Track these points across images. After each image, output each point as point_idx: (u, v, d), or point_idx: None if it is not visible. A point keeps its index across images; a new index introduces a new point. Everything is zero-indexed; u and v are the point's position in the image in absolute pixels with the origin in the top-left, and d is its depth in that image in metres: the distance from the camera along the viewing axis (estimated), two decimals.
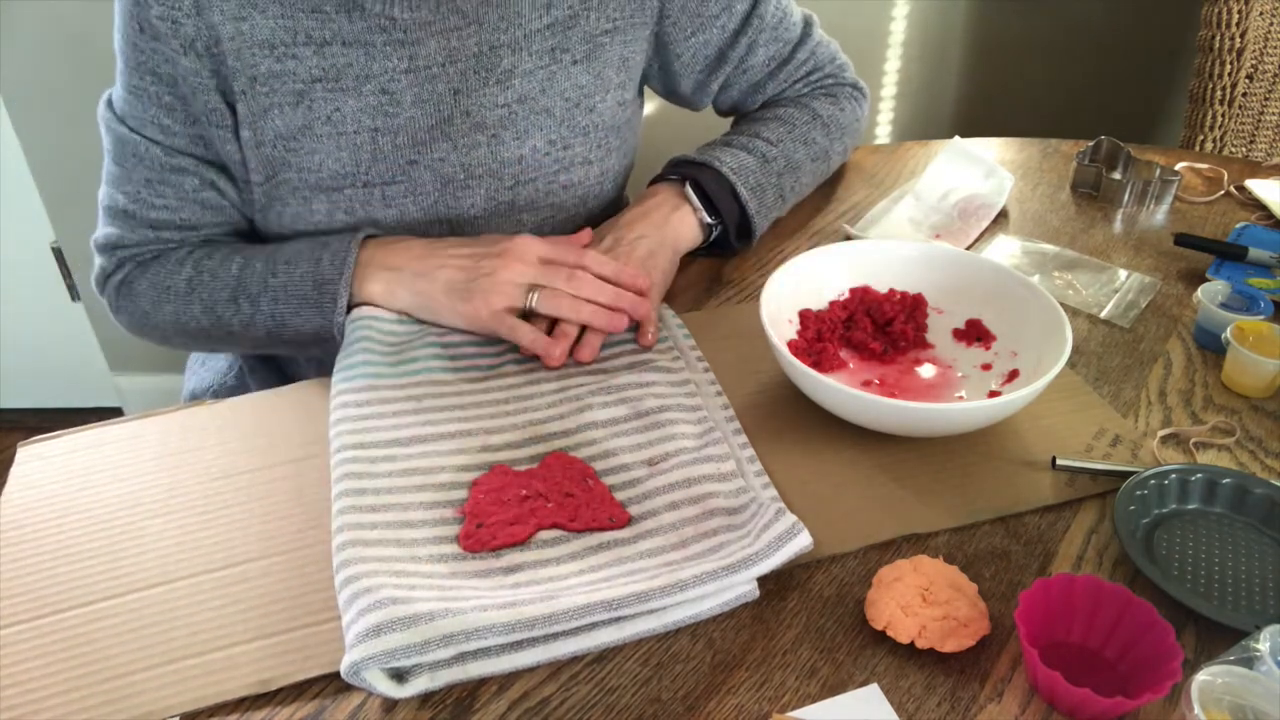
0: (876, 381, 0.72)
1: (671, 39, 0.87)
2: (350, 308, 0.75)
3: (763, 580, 0.56)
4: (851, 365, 0.74)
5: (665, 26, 0.86)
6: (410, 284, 0.74)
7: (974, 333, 0.75)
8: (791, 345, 0.72)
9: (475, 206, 0.81)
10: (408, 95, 0.76)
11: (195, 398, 0.93)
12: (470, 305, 0.72)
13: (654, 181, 0.88)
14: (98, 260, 0.84)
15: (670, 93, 0.95)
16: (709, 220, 0.84)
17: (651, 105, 1.11)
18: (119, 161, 0.79)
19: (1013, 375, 0.70)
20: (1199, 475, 0.61)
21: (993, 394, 0.69)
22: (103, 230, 0.83)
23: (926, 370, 0.73)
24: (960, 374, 0.73)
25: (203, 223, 0.81)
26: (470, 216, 0.81)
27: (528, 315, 0.74)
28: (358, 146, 0.76)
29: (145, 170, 0.78)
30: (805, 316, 0.74)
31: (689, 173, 0.85)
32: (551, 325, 0.74)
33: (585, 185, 0.86)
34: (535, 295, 0.72)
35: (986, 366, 0.72)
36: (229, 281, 0.77)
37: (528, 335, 0.71)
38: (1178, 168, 1.02)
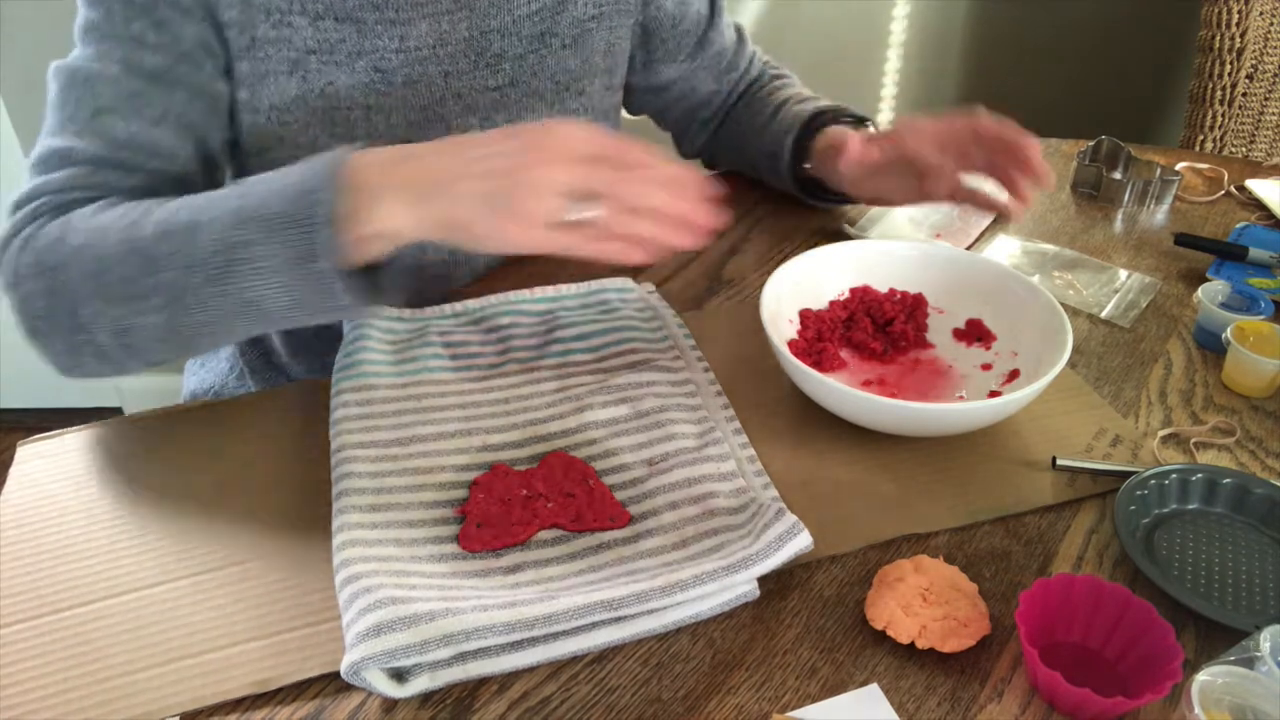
0: (876, 381, 0.72)
1: (659, 25, 0.90)
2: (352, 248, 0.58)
3: (763, 580, 0.56)
4: (851, 365, 0.74)
5: (650, 11, 0.89)
6: (429, 205, 0.58)
7: (974, 333, 0.75)
8: (791, 345, 0.72)
9: None
10: (399, 75, 0.76)
11: (195, 398, 0.93)
12: (499, 223, 0.57)
13: (819, 125, 0.89)
14: (3, 226, 0.67)
15: (641, 87, 0.96)
16: None
17: None
18: (64, 102, 0.68)
19: (1013, 375, 0.70)
20: (1199, 475, 0.61)
21: (993, 394, 0.69)
22: (22, 189, 0.69)
23: (926, 370, 0.73)
24: (960, 374, 0.73)
25: (160, 155, 0.69)
26: None
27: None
28: (351, 124, 0.76)
29: (110, 91, 0.67)
30: (805, 316, 0.74)
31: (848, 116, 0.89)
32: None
33: None
34: (583, 207, 0.57)
35: (986, 366, 0.72)
36: (181, 208, 0.61)
37: (591, 247, 0.58)
38: (1178, 168, 1.02)
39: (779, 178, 0.93)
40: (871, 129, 0.90)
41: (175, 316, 0.60)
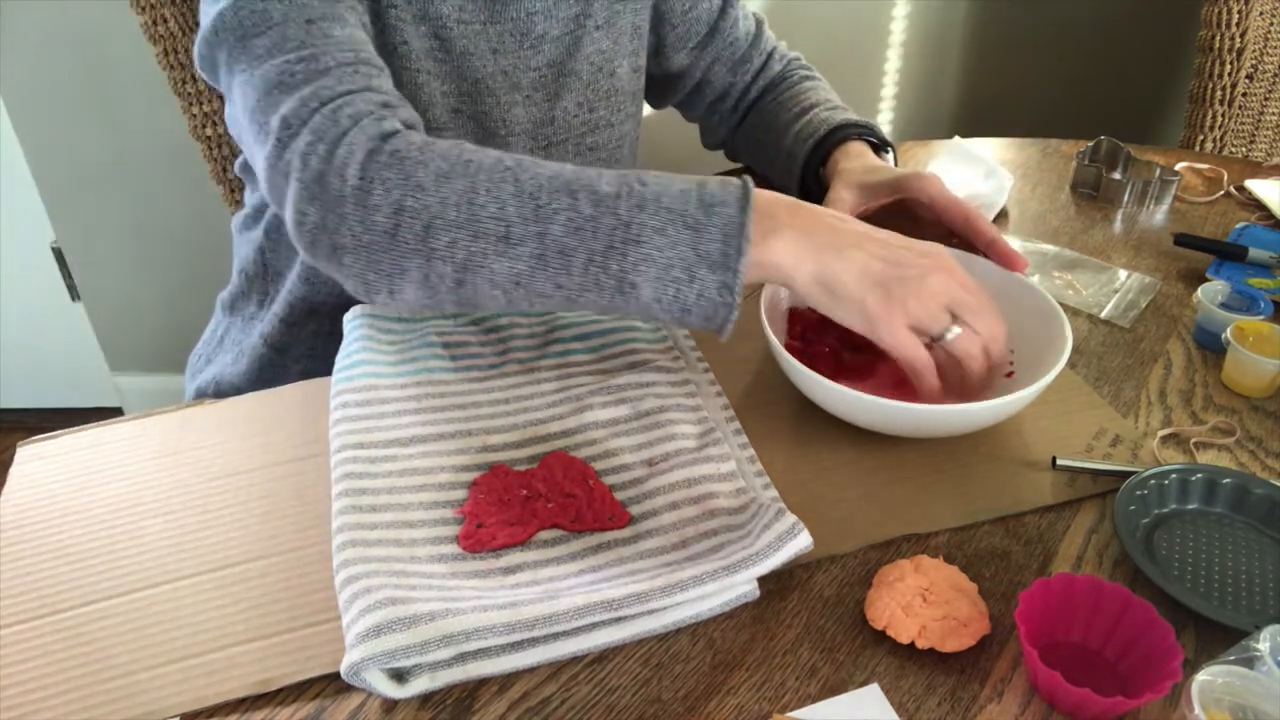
0: (876, 382, 0.72)
1: (670, 10, 0.92)
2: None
3: (763, 580, 0.56)
4: (849, 366, 0.73)
5: None
6: (819, 256, 0.60)
7: None
8: (789, 346, 0.72)
9: None
10: (457, 45, 0.78)
11: (199, 396, 0.93)
12: (886, 307, 0.60)
13: (838, 139, 0.87)
14: (335, 128, 0.60)
15: (657, 76, 0.97)
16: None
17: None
18: (257, 30, 0.64)
19: (1011, 375, 0.70)
20: (1199, 475, 0.61)
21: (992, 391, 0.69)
22: (285, 107, 0.61)
23: None
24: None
25: (377, 61, 0.67)
26: None
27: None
28: (417, 85, 0.78)
29: (304, 9, 0.65)
30: (793, 315, 0.74)
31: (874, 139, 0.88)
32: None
33: (608, 148, 0.90)
34: (953, 331, 0.61)
35: None
36: (558, 172, 0.59)
37: (928, 381, 0.62)
38: (1178, 168, 1.02)
39: (790, 178, 0.93)
40: (890, 156, 0.89)
41: (533, 270, 0.58)
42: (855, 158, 0.85)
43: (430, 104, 0.79)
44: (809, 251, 0.59)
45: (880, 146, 0.89)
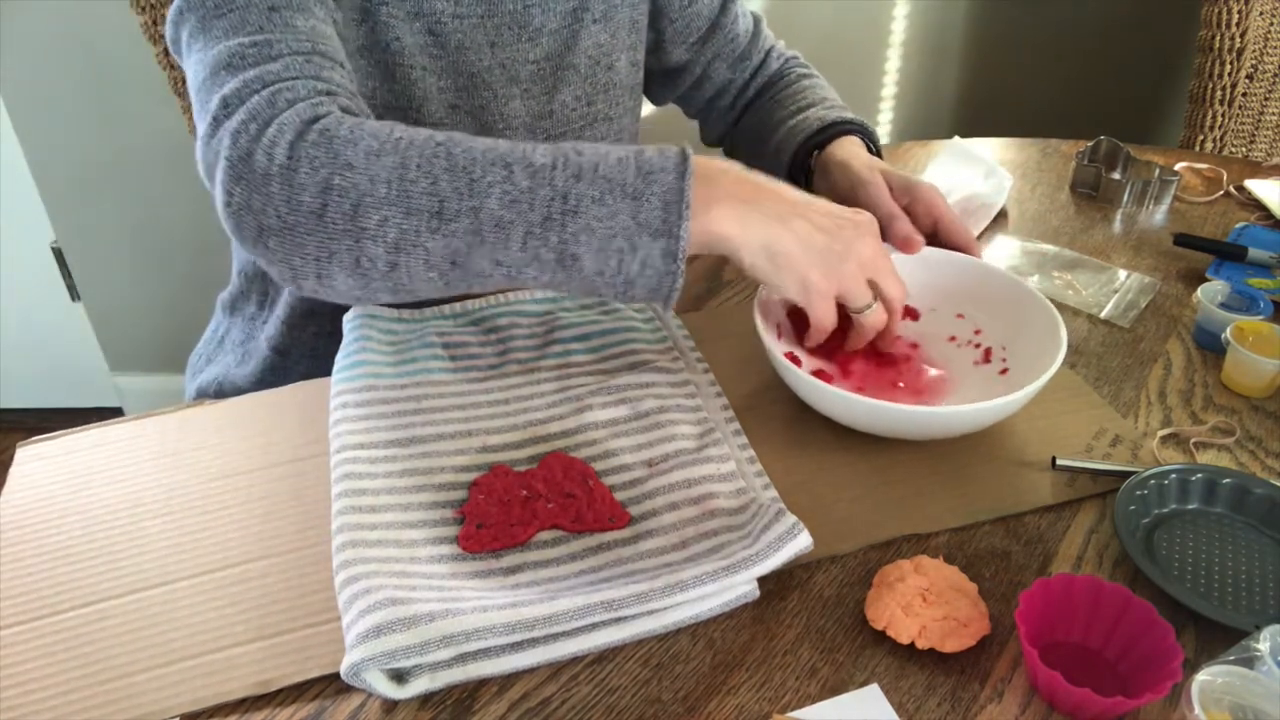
0: (870, 384, 0.72)
1: (668, 5, 0.92)
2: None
3: (763, 580, 0.56)
4: (842, 367, 0.73)
5: None
6: (765, 225, 0.60)
7: (969, 334, 0.75)
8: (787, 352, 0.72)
9: None
10: (452, 40, 0.78)
11: (200, 395, 0.93)
12: (826, 281, 0.62)
13: (833, 134, 0.87)
14: (268, 109, 0.58)
15: (657, 71, 0.98)
16: None
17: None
18: (223, 10, 0.63)
19: (1004, 374, 0.70)
20: (1199, 475, 0.61)
21: (989, 393, 0.69)
22: (227, 87, 0.60)
23: (919, 371, 0.73)
24: (956, 375, 0.72)
25: (340, 55, 0.66)
26: None
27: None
28: (411, 81, 0.77)
29: None
30: (792, 315, 0.74)
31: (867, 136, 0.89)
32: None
33: (607, 143, 0.89)
34: (872, 308, 0.65)
35: (979, 363, 0.72)
36: (491, 146, 0.58)
37: (817, 338, 0.67)
38: (1177, 168, 1.03)
39: (779, 171, 0.93)
40: (881, 160, 0.88)
41: (470, 247, 0.56)
42: (856, 154, 0.85)
43: (426, 100, 0.78)
44: (756, 221, 0.60)
45: (873, 153, 0.88)
